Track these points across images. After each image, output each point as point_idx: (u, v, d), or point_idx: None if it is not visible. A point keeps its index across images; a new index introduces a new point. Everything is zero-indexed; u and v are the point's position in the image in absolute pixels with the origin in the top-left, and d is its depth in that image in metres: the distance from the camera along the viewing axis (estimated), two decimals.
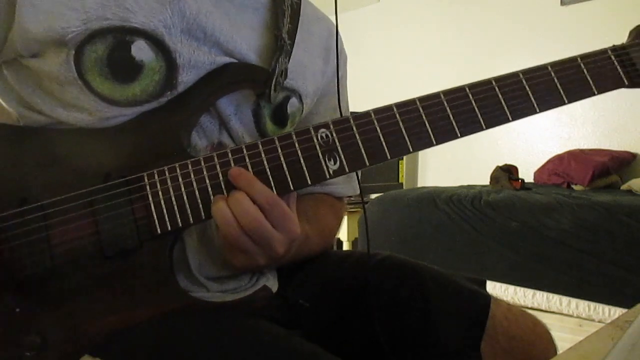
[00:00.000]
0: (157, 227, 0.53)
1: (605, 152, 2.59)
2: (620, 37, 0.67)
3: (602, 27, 2.70)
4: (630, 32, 0.64)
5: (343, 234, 2.71)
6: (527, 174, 2.71)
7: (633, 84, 0.62)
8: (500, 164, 2.61)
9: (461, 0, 3.32)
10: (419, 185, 3.47)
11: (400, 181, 3.18)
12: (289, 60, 0.65)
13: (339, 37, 0.76)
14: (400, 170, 3.18)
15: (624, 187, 2.31)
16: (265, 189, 0.54)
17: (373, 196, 2.78)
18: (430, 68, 3.45)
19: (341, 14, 0.72)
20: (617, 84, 0.61)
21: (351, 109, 0.78)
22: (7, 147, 0.55)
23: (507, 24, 3.11)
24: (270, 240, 0.54)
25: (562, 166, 2.58)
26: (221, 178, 0.55)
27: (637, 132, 2.67)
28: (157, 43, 0.56)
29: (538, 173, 2.75)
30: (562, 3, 2.89)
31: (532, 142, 3.01)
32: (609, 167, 2.47)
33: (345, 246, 2.74)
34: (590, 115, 2.79)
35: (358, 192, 0.81)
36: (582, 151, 2.64)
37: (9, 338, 0.51)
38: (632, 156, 2.62)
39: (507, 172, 2.51)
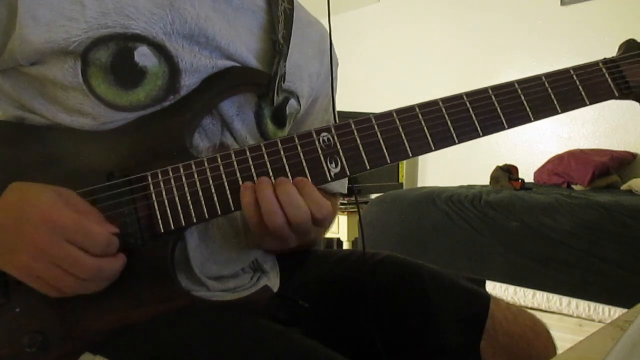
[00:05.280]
0: (160, 226, 0.54)
1: (605, 152, 2.59)
2: (620, 38, 0.68)
3: (602, 27, 2.70)
4: (620, 46, 0.66)
5: (343, 234, 2.71)
6: (527, 174, 2.71)
7: (623, 96, 0.64)
8: (500, 164, 2.61)
9: (461, 0, 3.32)
10: (419, 185, 3.47)
11: (400, 181, 3.18)
12: (285, 64, 0.66)
13: (331, 42, 0.77)
14: (400, 170, 3.18)
15: (624, 187, 2.31)
16: (316, 191, 0.54)
17: (373, 196, 2.78)
18: (430, 68, 3.45)
19: (341, 14, 0.73)
20: (608, 96, 0.63)
21: (351, 109, 0.80)
22: (7, 145, 0.55)
23: (507, 23, 3.11)
24: (309, 232, 0.55)
25: (562, 166, 2.58)
26: (224, 179, 0.55)
27: (637, 132, 2.67)
28: (159, 48, 0.56)
29: (538, 173, 2.76)
30: (562, 3, 2.89)
31: (532, 142, 3.01)
32: (609, 167, 2.47)
33: (345, 246, 2.74)
34: (590, 115, 2.79)
35: (346, 191, 0.82)
36: (582, 151, 2.64)
37: (10, 336, 0.51)
38: (632, 156, 2.62)
39: (507, 172, 2.51)
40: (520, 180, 2.44)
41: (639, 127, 2.66)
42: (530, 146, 3.02)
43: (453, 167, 3.28)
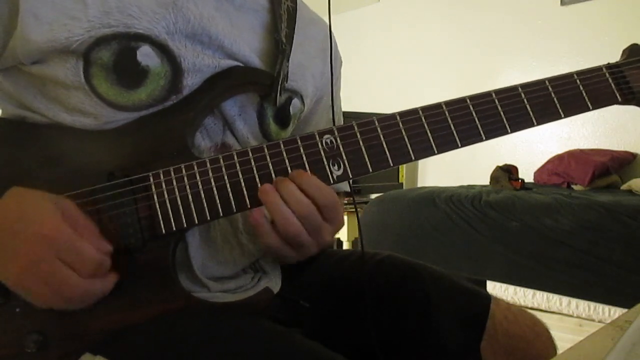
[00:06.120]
0: (162, 227, 0.54)
1: (605, 152, 2.59)
2: (620, 38, 0.68)
3: (602, 27, 2.70)
4: (624, 51, 0.66)
5: (343, 234, 2.71)
6: (527, 174, 2.71)
7: (625, 101, 0.64)
8: (500, 164, 2.61)
9: (461, 0, 3.33)
10: (419, 185, 3.47)
11: (400, 181, 3.18)
12: (288, 63, 0.66)
13: (333, 40, 0.77)
14: (400, 170, 3.18)
15: (624, 187, 2.31)
16: (315, 179, 0.55)
17: (373, 196, 2.78)
18: (430, 68, 3.45)
19: (341, 14, 0.73)
20: (610, 101, 0.63)
21: (352, 109, 0.79)
22: (8, 144, 0.55)
23: (507, 24, 3.11)
24: (322, 230, 0.55)
25: (562, 166, 2.58)
26: (226, 180, 0.55)
27: (637, 132, 2.67)
28: (162, 48, 0.56)
29: (538, 173, 2.76)
30: (562, 3, 2.89)
31: (532, 142, 3.01)
32: (609, 167, 2.47)
33: (345, 246, 2.74)
34: (590, 116, 2.78)
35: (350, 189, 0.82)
36: (582, 151, 2.64)
37: (10, 336, 0.51)
38: (632, 156, 2.62)
39: (507, 172, 2.51)
40: (520, 180, 2.44)
41: (639, 127, 2.66)
42: (530, 146, 3.02)
43: (453, 167, 3.28)
